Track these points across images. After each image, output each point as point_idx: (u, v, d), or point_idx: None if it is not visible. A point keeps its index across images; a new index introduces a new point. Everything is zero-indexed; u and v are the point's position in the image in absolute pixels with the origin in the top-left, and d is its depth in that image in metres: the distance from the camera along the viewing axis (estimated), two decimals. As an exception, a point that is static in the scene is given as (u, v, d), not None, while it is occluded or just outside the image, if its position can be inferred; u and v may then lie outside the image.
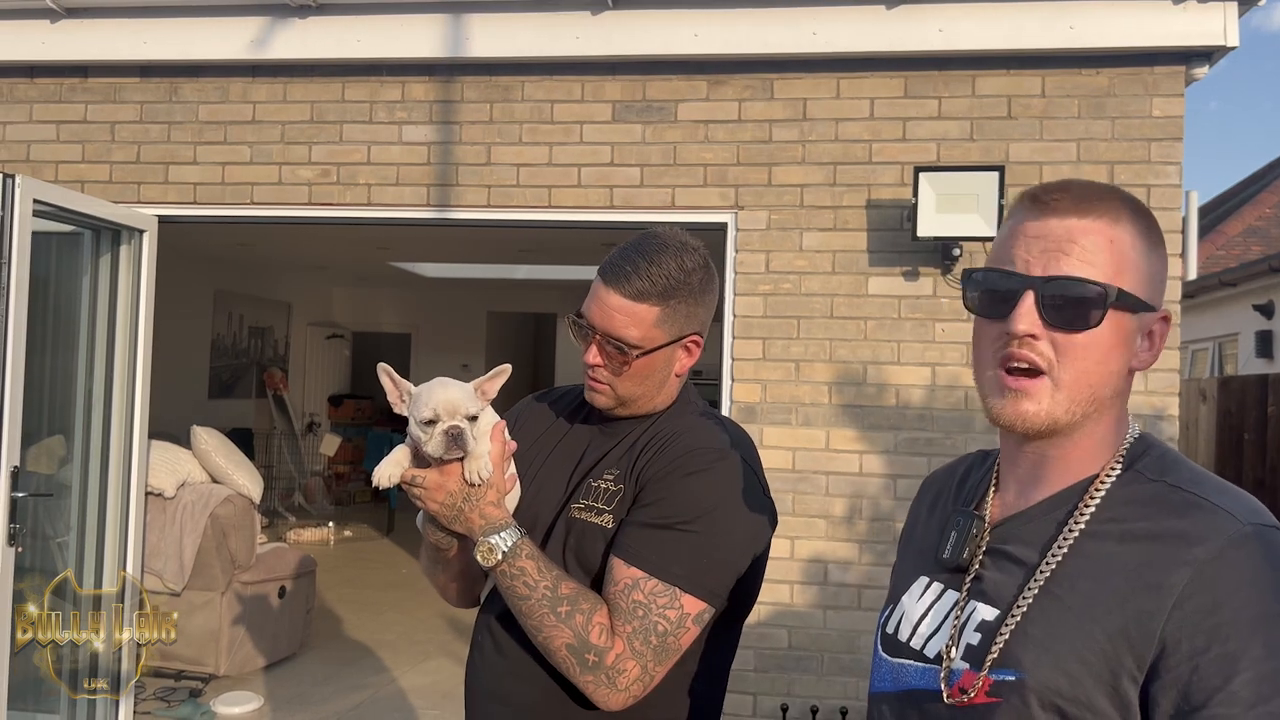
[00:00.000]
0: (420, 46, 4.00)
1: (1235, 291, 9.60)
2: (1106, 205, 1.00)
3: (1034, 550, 0.99)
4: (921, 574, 1.12)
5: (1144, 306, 1.00)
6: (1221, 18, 3.61)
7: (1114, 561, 0.93)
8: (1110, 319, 0.97)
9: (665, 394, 1.59)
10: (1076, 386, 0.98)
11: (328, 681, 5.19)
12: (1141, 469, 1.00)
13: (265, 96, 4.19)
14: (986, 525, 1.07)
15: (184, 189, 4.20)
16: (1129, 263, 0.99)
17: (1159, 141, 3.73)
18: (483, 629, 1.61)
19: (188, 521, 4.79)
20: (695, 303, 1.55)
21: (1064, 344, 0.97)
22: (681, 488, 1.46)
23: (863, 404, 3.85)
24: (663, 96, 3.98)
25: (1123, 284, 0.97)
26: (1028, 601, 0.96)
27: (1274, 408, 5.30)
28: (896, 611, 1.13)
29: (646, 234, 1.57)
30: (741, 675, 3.88)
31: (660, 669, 1.42)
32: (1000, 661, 0.95)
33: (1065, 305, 0.96)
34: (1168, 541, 0.91)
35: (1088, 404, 0.99)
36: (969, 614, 1.02)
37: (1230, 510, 0.92)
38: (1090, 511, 0.98)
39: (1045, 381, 0.98)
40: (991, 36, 3.74)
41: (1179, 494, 0.95)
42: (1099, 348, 0.97)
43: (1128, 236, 0.99)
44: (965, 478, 1.19)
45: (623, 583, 1.42)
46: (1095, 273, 0.97)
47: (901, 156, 3.85)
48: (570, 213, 4.04)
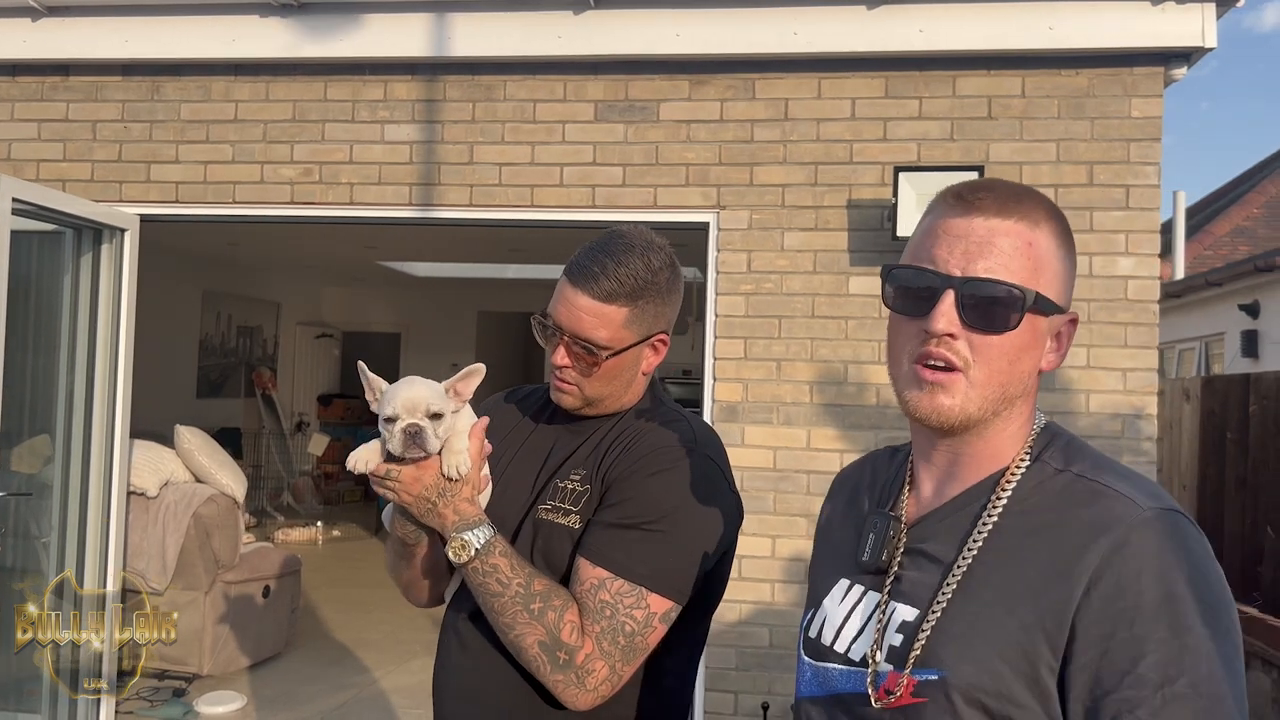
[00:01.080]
0: (403, 46, 4.00)
1: (1221, 291, 9.64)
2: (1028, 208, 1.01)
3: (950, 547, 1.01)
4: (841, 576, 1.13)
5: (1056, 309, 1.02)
6: (1200, 19, 3.63)
7: (1025, 553, 0.95)
8: (1025, 321, 0.99)
9: (632, 392, 1.60)
10: (989, 385, 1.00)
11: (312, 681, 5.19)
12: (1048, 459, 1.02)
13: (247, 95, 4.18)
14: (903, 525, 1.08)
15: (166, 188, 4.20)
16: (1046, 266, 1.01)
17: (1138, 142, 3.75)
18: (449, 629, 1.61)
19: (170, 521, 4.78)
20: (663, 302, 1.55)
21: (980, 344, 0.99)
22: (646, 487, 1.47)
23: (843, 403, 3.86)
24: (645, 96, 3.99)
25: (1039, 287, 0.99)
26: (946, 599, 0.98)
27: (1255, 407, 5.32)
28: (819, 615, 1.13)
29: (612, 233, 1.56)
30: (723, 674, 3.89)
31: (628, 669, 1.42)
32: (922, 661, 0.96)
33: (983, 307, 0.98)
34: (1075, 530, 0.94)
35: (998, 402, 1.01)
36: (890, 615, 1.03)
37: (1131, 496, 0.94)
38: (1002, 505, 1.00)
39: (961, 378, 1.00)
40: (972, 37, 3.75)
41: (1083, 483, 0.98)
42: (1013, 348, 1.00)
43: (1045, 240, 1.01)
44: (875, 476, 1.21)
45: (589, 582, 1.42)
46: (1014, 275, 0.98)
47: (882, 156, 3.86)
48: (553, 212, 4.04)
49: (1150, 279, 3.75)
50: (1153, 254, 3.76)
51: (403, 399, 1.42)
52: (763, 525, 3.89)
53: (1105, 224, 3.72)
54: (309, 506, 10.42)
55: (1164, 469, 6.42)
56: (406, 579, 1.67)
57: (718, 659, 3.90)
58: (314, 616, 6.41)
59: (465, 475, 1.44)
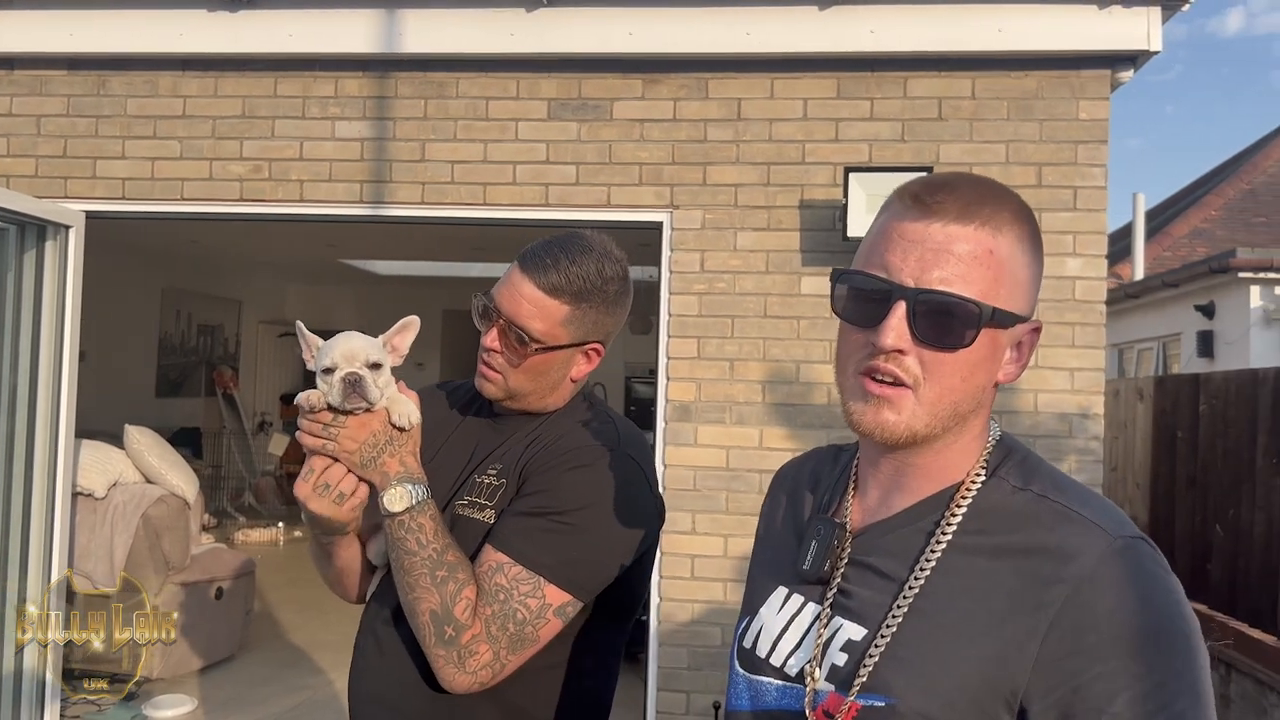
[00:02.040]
0: (354, 42, 3.96)
1: (1178, 292, 9.76)
2: (990, 211, 0.93)
3: (900, 564, 0.95)
4: (780, 584, 1.06)
5: (1018, 319, 0.95)
6: (1145, 22, 3.67)
7: (988, 580, 0.90)
8: (982, 336, 0.92)
9: (557, 396, 1.58)
10: (939, 403, 0.93)
11: (266, 683, 5.13)
12: (1004, 475, 0.96)
13: (196, 91, 4.13)
14: (848, 534, 1.01)
15: (112, 184, 4.13)
16: (1007, 275, 0.93)
17: (1085, 144, 3.78)
18: (367, 632, 1.59)
19: (119, 522, 4.71)
20: (606, 312, 1.54)
21: (931, 361, 0.92)
22: (561, 481, 1.46)
23: (795, 403, 3.87)
24: (598, 95, 3.98)
25: (998, 300, 0.92)
26: (897, 621, 0.91)
27: (1205, 407, 5.40)
28: (754, 624, 1.06)
29: (575, 233, 1.56)
30: (675, 674, 3.89)
31: (514, 658, 1.40)
32: (869, 685, 0.90)
33: (937, 322, 0.91)
34: (1041, 558, 0.88)
35: (949, 419, 0.94)
36: (834, 632, 0.96)
37: (1099, 523, 0.89)
38: (957, 522, 0.94)
39: (909, 394, 0.93)
40: (922, 38, 3.77)
41: (1046, 504, 0.92)
42: (966, 365, 0.93)
43: (1008, 246, 0.93)
44: (818, 477, 1.14)
45: (487, 565, 1.41)
46: (972, 288, 0.91)
47: (834, 157, 3.87)
48: (505, 210, 4.02)
49: (1097, 280, 3.79)
50: (1100, 255, 3.80)
51: (341, 349, 1.42)
52: (715, 525, 3.89)
53: (1053, 225, 3.76)
54: (271, 507, 10.31)
55: (1118, 468, 6.50)
56: (329, 576, 1.67)
57: (669, 659, 3.90)
58: (270, 618, 6.34)
59: (416, 424, 1.45)
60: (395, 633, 1.50)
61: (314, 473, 1.45)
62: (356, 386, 1.40)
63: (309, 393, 1.45)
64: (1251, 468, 4.87)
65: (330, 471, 1.45)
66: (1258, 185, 12.80)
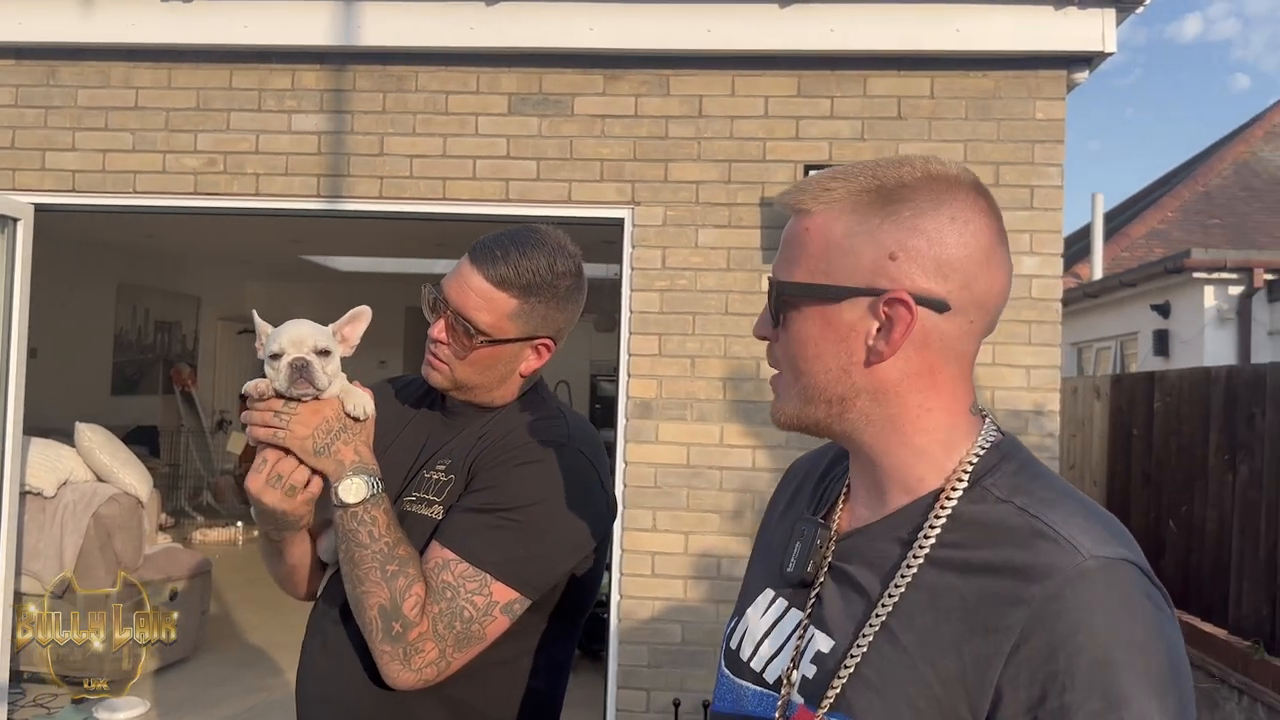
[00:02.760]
0: (311, 34, 3.91)
1: (1135, 292, 9.91)
2: (812, 194, 0.95)
3: (875, 576, 0.91)
4: (768, 586, 1.03)
5: (841, 291, 0.90)
6: (1100, 24, 3.71)
7: (952, 597, 0.85)
8: (805, 313, 0.92)
9: (505, 390, 1.55)
10: (796, 385, 0.94)
11: (222, 684, 5.06)
12: (989, 485, 0.89)
13: (149, 82, 4.05)
14: (833, 536, 0.97)
15: (62, 176, 4.05)
16: (818, 248, 0.91)
17: (1042, 143, 3.82)
18: (314, 632, 1.56)
19: (69, 521, 4.62)
20: (556, 307, 1.52)
21: (778, 345, 0.96)
22: (509, 477, 1.44)
23: (755, 400, 3.88)
24: (559, 90, 3.96)
25: (798, 273, 0.92)
26: (867, 640, 0.87)
27: (1160, 405, 5.48)
28: (741, 625, 1.03)
29: (529, 227, 1.54)
30: (635, 671, 3.88)
31: (460, 656, 1.38)
32: (835, 705, 0.86)
33: (772, 307, 0.94)
34: (1006, 576, 0.82)
35: (821, 404, 0.92)
36: (808, 640, 0.93)
37: (1074, 541, 0.82)
38: (935, 535, 0.88)
39: (780, 381, 0.96)
40: (882, 37, 3.79)
41: (1024, 519, 0.85)
42: (803, 343, 0.92)
43: (827, 220, 0.92)
44: (829, 470, 1.10)
45: (434, 562, 1.39)
46: (782, 270, 0.93)
47: (794, 155, 3.88)
48: (465, 205, 3.99)
49: (1053, 278, 3.83)
50: (1056, 254, 3.84)
51: (289, 335, 1.41)
52: (676, 522, 3.88)
53: (1010, 224, 3.76)
54: (230, 506, 10.17)
55: (1076, 466, 6.58)
56: (279, 573, 1.63)
57: (629, 656, 3.89)
58: (228, 619, 6.26)
59: (371, 415, 1.44)
60: (343, 631, 1.48)
61: (266, 464, 1.42)
62: (304, 372, 1.38)
63: (256, 380, 1.42)
64: (1204, 465, 4.95)
65: (283, 463, 1.42)
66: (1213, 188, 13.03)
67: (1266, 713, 4.09)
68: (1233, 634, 4.53)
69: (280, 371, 1.38)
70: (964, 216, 0.90)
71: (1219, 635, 4.57)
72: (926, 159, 0.92)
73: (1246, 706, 4.24)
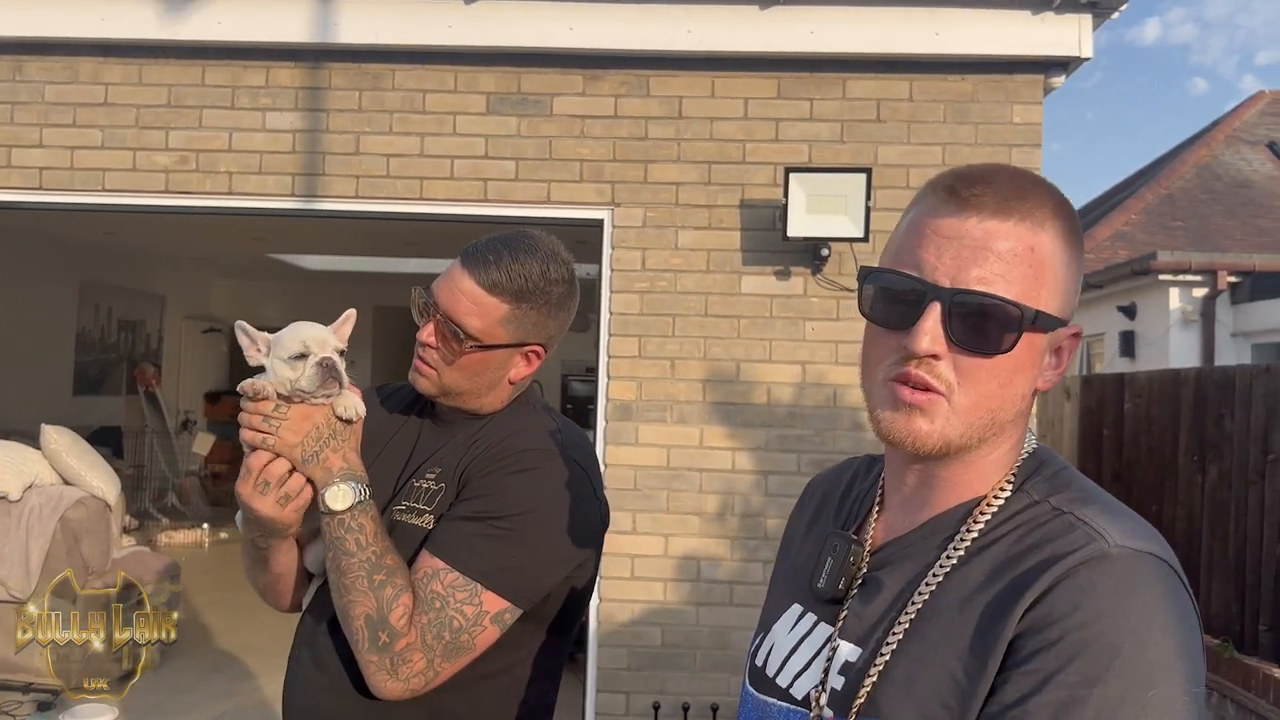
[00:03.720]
0: (285, 30, 3.85)
1: (1101, 293, 10.04)
2: (1031, 205, 0.87)
3: (906, 580, 0.89)
4: (795, 601, 1.01)
5: (1058, 323, 0.88)
6: (1077, 29, 3.75)
7: (981, 594, 0.84)
8: (1022, 340, 0.85)
9: (494, 397, 1.53)
10: (975, 411, 0.87)
11: (190, 690, 4.97)
12: (1029, 489, 0.89)
13: (119, 78, 3.98)
14: (866, 553, 0.95)
15: (29, 173, 3.96)
16: (1049, 275, 0.87)
17: (1019, 147, 3.85)
18: (302, 643, 1.53)
19: (35, 525, 4.52)
20: (548, 314, 1.50)
21: (967, 366, 0.86)
22: (502, 485, 1.42)
23: (735, 401, 3.88)
24: (538, 90, 3.93)
25: (1039, 302, 0.86)
26: (897, 639, 0.86)
27: (1130, 405, 5.55)
28: (766, 642, 1.02)
29: (522, 232, 1.52)
30: (614, 674, 3.87)
31: (448, 666, 1.36)
32: (865, 709, 0.85)
33: (975, 325, 0.84)
34: (1029, 563, 0.82)
35: (985, 428, 0.88)
36: (835, 653, 0.91)
37: (1102, 531, 0.82)
38: (971, 538, 0.88)
39: (942, 401, 0.86)
40: (861, 39, 3.80)
41: (1060, 518, 0.85)
42: (1005, 371, 0.86)
43: (1050, 244, 0.87)
44: (850, 487, 1.09)
45: (422, 571, 1.37)
46: (1012, 288, 0.85)
47: (774, 157, 3.88)
48: (443, 205, 3.95)
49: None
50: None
51: (311, 335, 1.40)
52: (655, 524, 3.87)
53: (988, 227, 3.81)
54: (195, 508, 10.04)
55: (1046, 465, 6.64)
56: (263, 583, 1.59)
57: (609, 659, 3.87)
58: (196, 622, 6.16)
59: (361, 416, 1.42)
60: (331, 642, 1.45)
61: (253, 471, 1.39)
62: (332, 371, 1.38)
63: (254, 379, 1.40)
64: (1174, 465, 5.02)
65: (271, 469, 1.39)
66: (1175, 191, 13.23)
67: (1236, 710, 4.16)
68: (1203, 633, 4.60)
69: (308, 372, 1.37)
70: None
71: (1188, 633, 4.63)
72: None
73: (1216, 704, 4.30)
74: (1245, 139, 14.01)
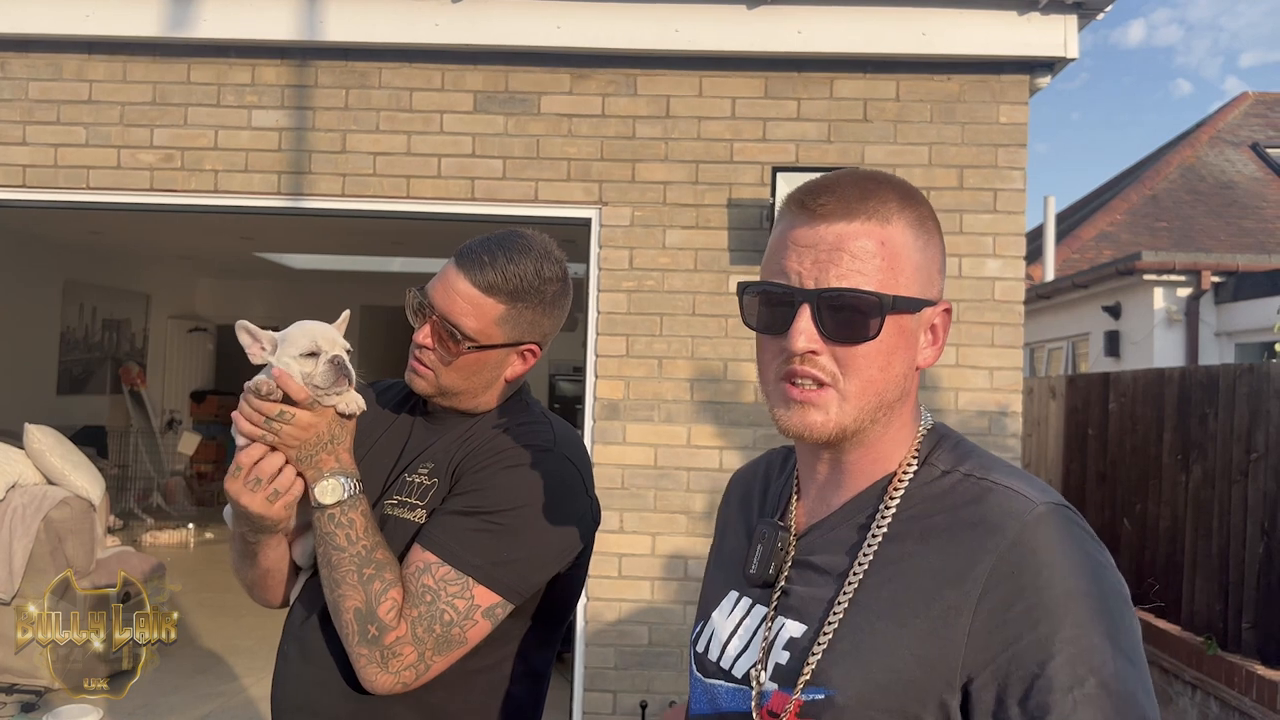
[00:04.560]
0: (271, 28, 3.84)
1: (1086, 293, 10.09)
2: (875, 204, 0.96)
3: (839, 559, 0.97)
4: (731, 589, 1.08)
5: (923, 304, 0.97)
6: (1062, 30, 3.76)
7: (917, 561, 0.91)
8: (889, 324, 0.94)
9: (490, 395, 1.54)
10: (863, 396, 0.95)
11: (176, 691, 4.95)
12: (935, 461, 0.98)
13: (103, 75, 3.95)
14: (792, 536, 1.03)
15: (12, 171, 3.93)
16: (903, 261, 0.95)
17: (1005, 147, 3.86)
18: (290, 639, 1.53)
19: (18, 525, 4.49)
20: (543, 313, 1.51)
21: (845, 356, 0.94)
22: (496, 480, 1.42)
23: (722, 401, 3.88)
24: (525, 88, 3.92)
25: (897, 287, 0.94)
26: (838, 616, 0.93)
27: (1115, 405, 5.58)
28: (707, 629, 1.09)
29: (514, 231, 1.53)
30: (601, 673, 3.87)
31: (439, 659, 1.37)
32: (812, 680, 0.91)
33: (843, 318, 0.93)
34: (965, 532, 0.90)
35: (876, 410, 0.96)
36: (777, 631, 0.98)
37: (1022, 491, 0.91)
38: (891, 513, 0.96)
39: (831, 392, 0.95)
40: (849, 39, 3.81)
41: (971, 481, 0.94)
42: (880, 354, 0.95)
43: (899, 234, 0.96)
44: (768, 480, 1.16)
45: (414, 565, 1.38)
46: (868, 280, 0.93)
47: (761, 156, 3.89)
48: (429, 204, 3.94)
49: (1016, 280, 3.87)
50: (1018, 256, 3.88)
51: (320, 334, 1.41)
52: (643, 523, 3.87)
53: (974, 226, 3.83)
54: (180, 508, 9.98)
55: (1032, 464, 6.68)
56: (251, 578, 1.58)
57: (596, 658, 3.87)
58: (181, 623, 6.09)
59: (362, 409, 1.43)
60: (322, 636, 1.45)
61: (244, 467, 1.39)
62: (343, 369, 1.39)
63: (261, 379, 1.39)
64: (1158, 464, 5.05)
65: (263, 465, 1.39)
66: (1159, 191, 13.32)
67: (1219, 707, 4.19)
68: (1186, 630, 4.63)
69: (320, 369, 1.38)
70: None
71: (1172, 631, 4.66)
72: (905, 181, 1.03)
73: (1200, 701, 4.33)
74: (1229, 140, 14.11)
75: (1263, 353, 8.09)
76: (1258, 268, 8.84)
